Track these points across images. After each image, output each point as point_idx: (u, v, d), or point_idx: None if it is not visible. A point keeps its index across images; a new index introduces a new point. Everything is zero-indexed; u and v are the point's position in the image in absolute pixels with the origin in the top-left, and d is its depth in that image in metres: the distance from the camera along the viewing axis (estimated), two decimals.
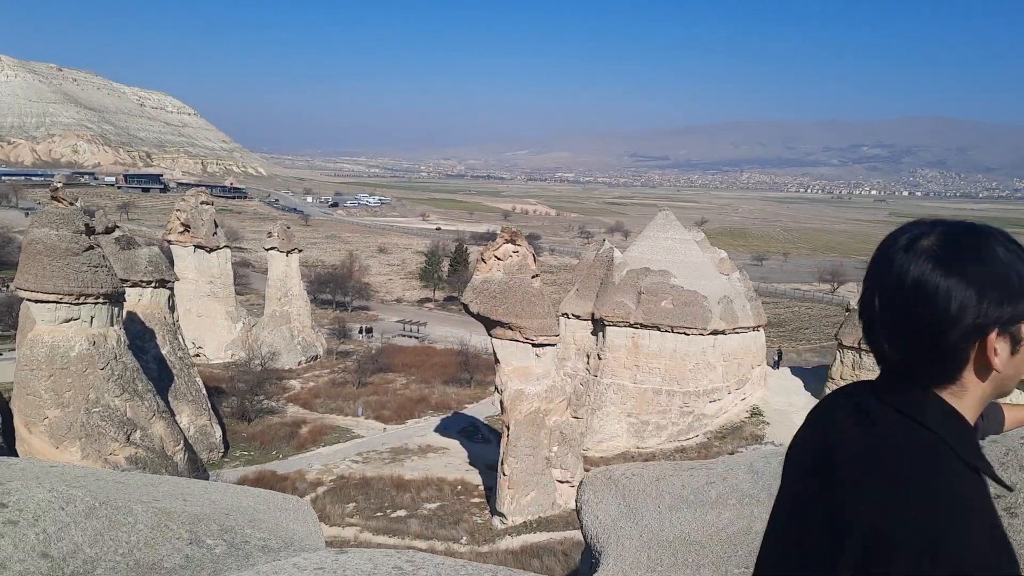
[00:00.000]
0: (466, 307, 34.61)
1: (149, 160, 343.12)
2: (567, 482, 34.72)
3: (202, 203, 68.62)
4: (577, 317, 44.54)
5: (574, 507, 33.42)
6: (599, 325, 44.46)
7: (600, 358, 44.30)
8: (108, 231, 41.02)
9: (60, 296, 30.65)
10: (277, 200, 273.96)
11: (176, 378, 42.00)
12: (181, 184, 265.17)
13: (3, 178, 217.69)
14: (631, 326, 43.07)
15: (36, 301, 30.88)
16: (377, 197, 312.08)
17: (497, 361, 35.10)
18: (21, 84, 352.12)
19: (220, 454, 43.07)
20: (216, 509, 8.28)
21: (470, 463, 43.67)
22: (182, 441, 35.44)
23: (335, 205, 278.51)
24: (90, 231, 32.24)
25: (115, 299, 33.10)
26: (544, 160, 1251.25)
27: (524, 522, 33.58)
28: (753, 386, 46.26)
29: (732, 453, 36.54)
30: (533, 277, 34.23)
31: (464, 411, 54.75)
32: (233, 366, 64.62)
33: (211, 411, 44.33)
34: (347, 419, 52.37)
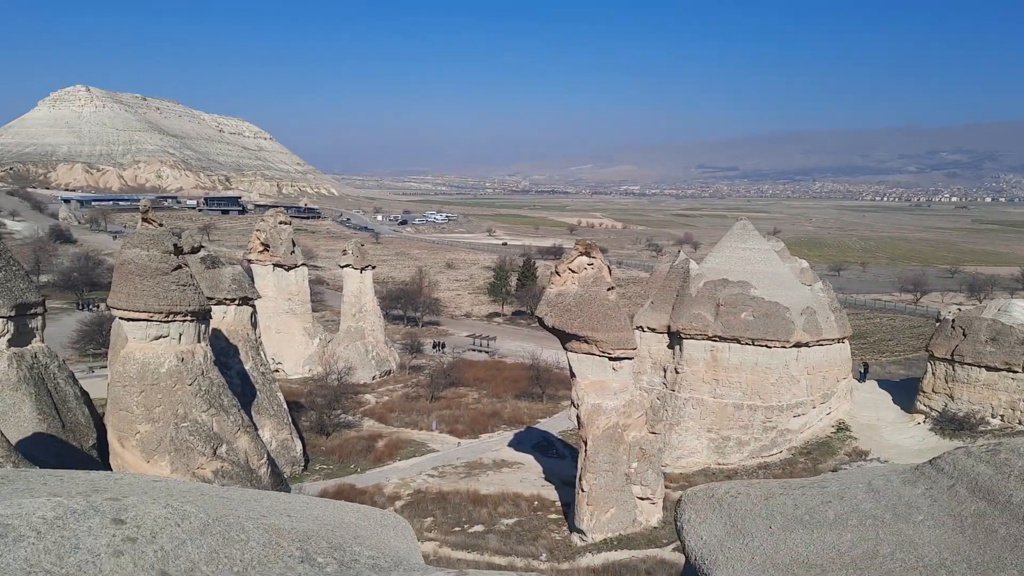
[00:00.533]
0: (541, 321, 34.34)
1: (228, 183, 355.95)
2: (648, 499, 33.98)
3: (280, 223, 70.48)
4: (652, 330, 43.77)
5: (655, 524, 32.47)
6: (676, 338, 43.59)
7: (678, 372, 43.39)
8: (194, 251, 42.40)
9: (150, 314, 31.66)
10: (348, 219, 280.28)
11: (259, 393, 42.97)
12: (258, 206, 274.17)
13: (93, 204, 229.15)
14: (710, 339, 42.07)
15: (128, 319, 31.97)
16: (444, 214, 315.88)
17: (573, 375, 34.70)
18: (109, 114, 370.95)
19: (301, 468, 43.79)
20: (321, 525, 8.20)
21: (545, 478, 43.29)
22: (266, 455, 36.12)
23: (404, 223, 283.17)
24: (178, 251, 33.30)
25: (202, 316, 34.05)
26: (608, 174, 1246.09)
27: (604, 539, 32.96)
28: (839, 400, 44.55)
29: (835, 470, 35.15)
30: (609, 289, 33.78)
31: (537, 425, 54.43)
32: (311, 381, 65.98)
33: (292, 425, 45.16)
34: (422, 433, 52.68)
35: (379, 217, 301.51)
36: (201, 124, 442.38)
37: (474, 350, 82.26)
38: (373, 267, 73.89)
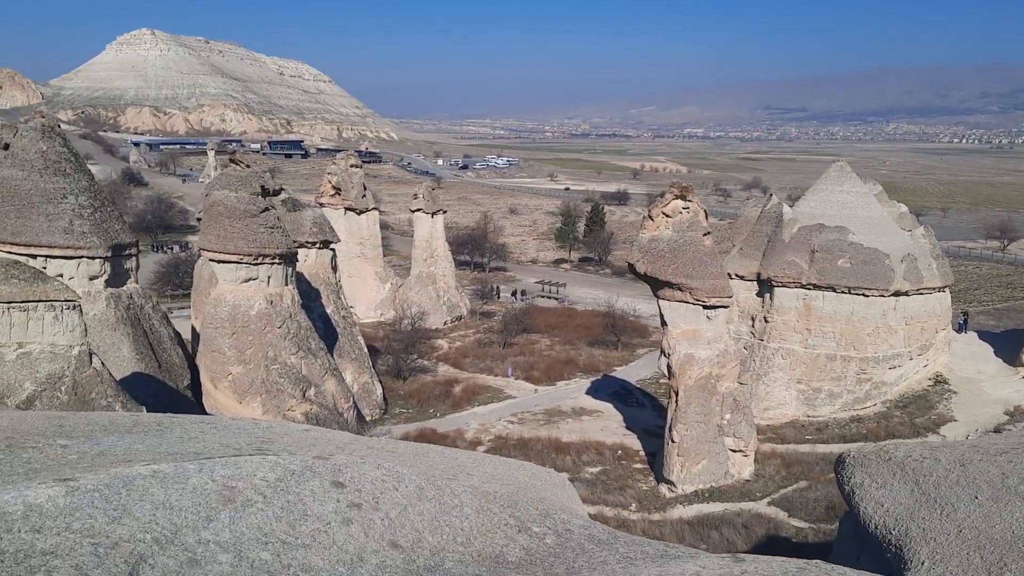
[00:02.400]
0: (632, 267, 33.15)
1: (289, 127, 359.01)
2: (740, 451, 33.01)
3: (352, 167, 70.14)
4: (741, 277, 42.13)
5: (747, 477, 31.20)
6: (766, 286, 41.91)
7: (767, 321, 41.84)
8: (275, 193, 42.21)
9: (240, 256, 31.61)
10: (410, 163, 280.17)
11: (340, 336, 43.08)
12: (320, 150, 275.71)
13: (161, 147, 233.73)
14: (803, 287, 40.28)
15: (219, 261, 31.99)
16: (505, 158, 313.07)
17: (664, 324, 33.57)
18: (173, 57, 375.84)
19: (381, 411, 44.02)
20: (509, 487, 7.49)
21: (627, 427, 42.64)
22: (351, 398, 36.25)
23: (465, 167, 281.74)
24: (266, 193, 33.01)
25: (289, 259, 33.92)
26: (671, 116, 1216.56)
27: (695, 491, 32.23)
28: (937, 352, 42.46)
29: (997, 430, 33.33)
30: (705, 235, 32.33)
31: (613, 374, 53.64)
32: (383, 325, 66.31)
33: (372, 369, 45.31)
34: (497, 379, 52.46)
35: (440, 161, 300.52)
36: (262, 67, 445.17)
37: (543, 296, 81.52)
38: (444, 211, 73.26)
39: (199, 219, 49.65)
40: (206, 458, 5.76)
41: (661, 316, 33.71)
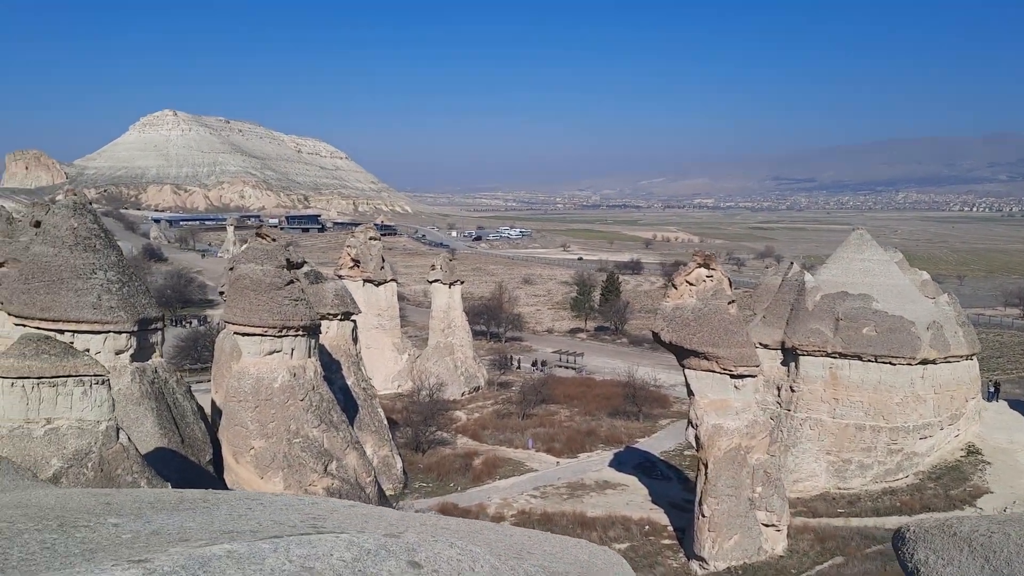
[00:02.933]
0: (656, 336, 32.91)
1: (307, 202, 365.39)
2: (773, 526, 32.03)
3: (370, 239, 70.96)
4: (765, 346, 41.70)
5: (780, 553, 30.08)
6: (791, 355, 41.44)
7: (793, 390, 41.21)
8: (299, 266, 42.54)
9: (265, 329, 31.63)
10: (424, 235, 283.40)
11: (360, 409, 42.73)
12: (336, 224, 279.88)
13: (181, 223, 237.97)
14: (829, 355, 39.81)
15: (243, 334, 32.01)
16: (518, 229, 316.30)
17: (691, 394, 33.10)
18: (195, 137, 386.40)
19: (402, 485, 43.27)
20: (574, 566, 7.20)
21: (653, 501, 41.63)
22: (373, 472, 35.67)
23: (478, 238, 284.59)
24: (291, 266, 33.28)
25: (313, 331, 33.91)
26: (681, 187, 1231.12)
27: (728, 568, 31.16)
28: (967, 421, 41.56)
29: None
30: (729, 303, 32.16)
31: (636, 445, 52.72)
32: (400, 397, 65.87)
33: (392, 442, 44.76)
34: (518, 451, 51.65)
35: (453, 233, 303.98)
36: (280, 145, 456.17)
37: (561, 366, 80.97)
38: (461, 282, 73.60)
39: (222, 292, 50.06)
40: (273, 537, 5.55)
41: (687, 386, 33.28)
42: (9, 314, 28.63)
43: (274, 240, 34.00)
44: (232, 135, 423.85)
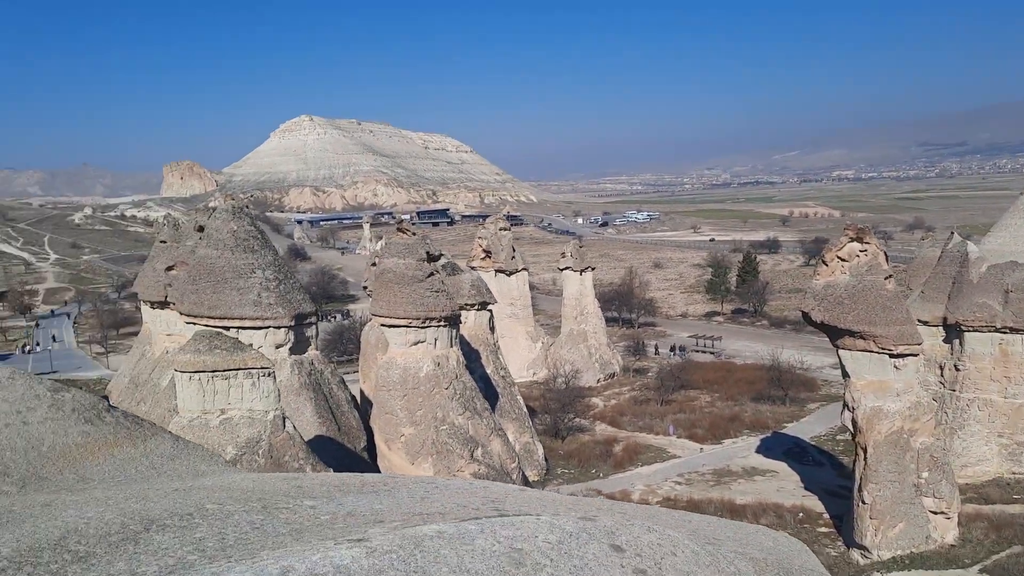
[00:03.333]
0: (806, 316, 31.44)
1: (435, 197, 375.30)
2: (942, 513, 29.96)
3: (501, 230, 71.83)
4: (924, 323, 38.92)
5: (951, 542, 28.14)
6: (954, 331, 38.52)
7: (958, 369, 38.31)
8: (436, 258, 43.68)
9: (409, 320, 32.68)
10: (550, 224, 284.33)
11: (500, 396, 43.40)
12: (464, 216, 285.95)
13: (321, 223, 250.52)
14: (998, 331, 36.70)
15: (389, 326, 33.21)
16: (645, 213, 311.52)
17: (846, 375, 31.43)
18: (329, 140, 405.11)
19: (544, 472, 43.64)
20: (768, 553, 6.94)
21: (805, 488, 39.95)
22: (516, 459, 36.17)
23: (605, 224, 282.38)
24: (431, 258, 34.19)
25: (453, 321, 34.72)
26: (817, 159, 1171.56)
27: (893, 558, 29.43)
28: None
29: None
30: (886, 278, 30.23)
31: (784, 431, 50.74)
32: (535, 384, 66.44)
33: (532, 429, 45.21)
34: (658, 438, 50.92)
35: (579, 220, 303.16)
36: (409, 143, 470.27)
37: (698, 351, 79.09)
38: (592, 268, 73.25)
39: (366, 287, 52.18)
40: (473, 519, 5.61)
41: (842, 367, 31.62)
42: (180, 312, 30.96)
43: (414, 235, 35.00)
44: (364, 136, 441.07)
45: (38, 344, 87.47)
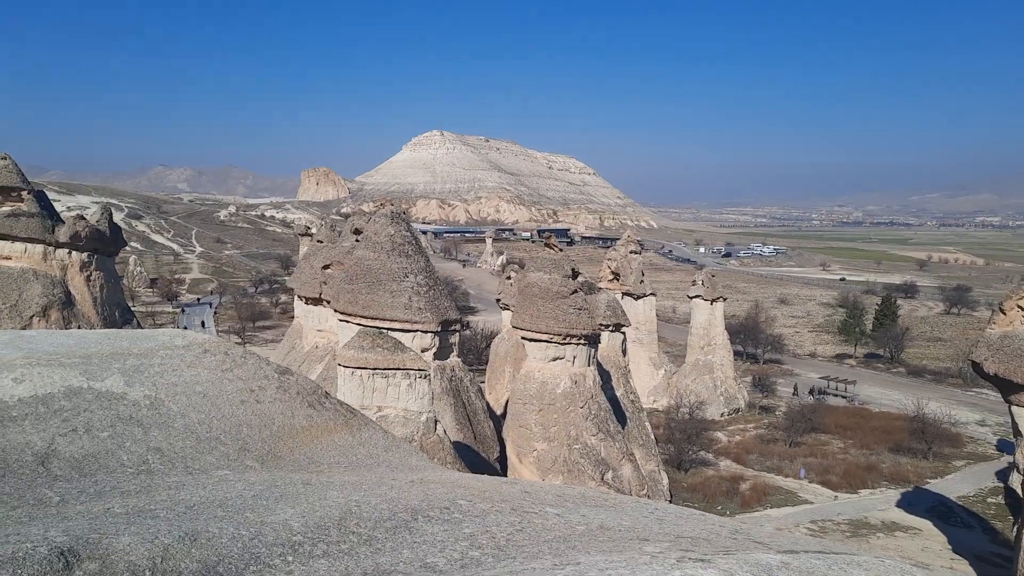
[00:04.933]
0: (977, 367, 29.25)
1: (556, 216, 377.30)
2: None
3: (631, 252, 71.19)
4: None
5: None
6: None
7: None
8: (574, 276, 43.62)
9: (551, 335, 32.67)
10: (671, 251, 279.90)
11: (629, 421, 42.69)
12: (584, 237, 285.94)
13: (445, 235, 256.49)
14: None
15: (530, 339, 33.31)
16: (771, 247, 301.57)
17: (1018, 435, 28.99)
18: (458, 155, 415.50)
19: (668, 501, 42.53)
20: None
21: (953, 550, 37.14)
22: (646, 486, 35.41)
23: (728, 255, 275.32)
24: (575, 276, 34.12)
25: (593, 341, 34.47)
26: (960, 204, 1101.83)
27: None
28: None
29: None
30: None
31: (927, 487, 47.47)
32: (655, 412, 65.10)
33: (658, 457, 44.25)
34: (788, 480, 48.76)
35: (701, 249, 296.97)
36: (533, 162, 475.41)
37: (828, 393, 75.38)
38: (724, 299, 71.36)
39: (498, 300, 52.80)
40: (787, 551, 5.36)
41: (1014, 425, 29.20)
42: (335, 310, 32.17)
43: (560, 250, 35.06)
44: (490, 153, 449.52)
45: (188, 328, 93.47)
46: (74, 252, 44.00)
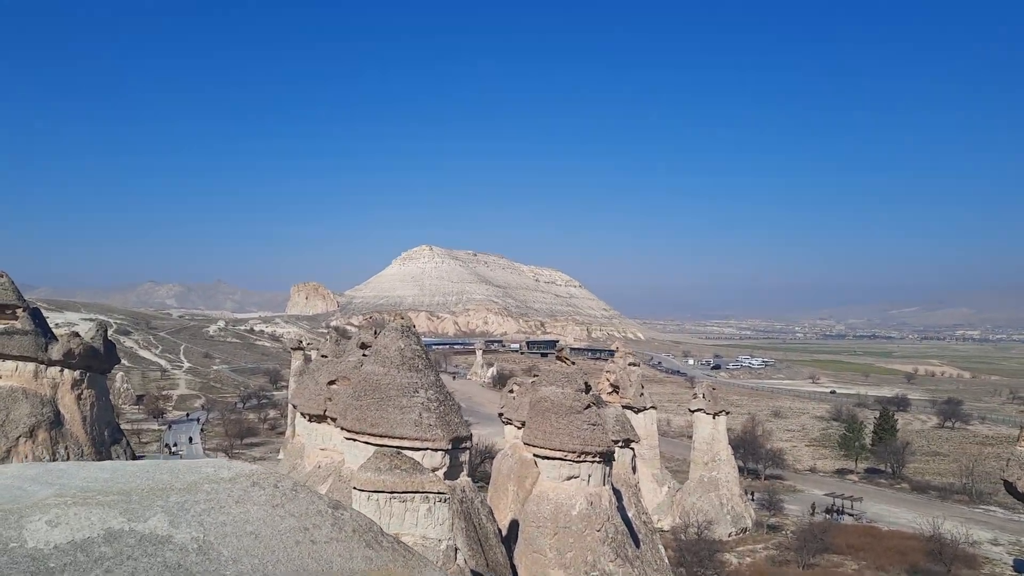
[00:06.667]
0: (1010, 486, 28.20)
1: (543, 328, 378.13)
2: None
3: (630, 365, 70.39)
4: None
5: None
6: None
7: None
8: (587, 390, 42.59)
9: (565, 453, 31.41)
10: (660, 363, 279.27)
11: (641, 543, 40.66)
12: (573, 349, 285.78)
13: (434, 347, 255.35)
14: None
15: (543, 457, 31.99)
16: (760, 358, 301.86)
17: None
18: (446, 269, 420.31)
19: None
20: None
21: None
22: None
23: (717, 367, 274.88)
24: (587, 389, 33.20)
25: (608, 458, 33.19)
26: (938, 317, 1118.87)
27: None
28: None
29: None
30: None
31: None
32: (660, 532, 62.47)
33: None
34: None
35: (690, 361, 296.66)
36: (520, 275, 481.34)
37: (844, 513, 73.00)
38: (727, 412, 70.17)
39: (501, 414, 51.36)
40: None
41: None
42: (341, 428, 30.87)
43: (573, 363, 34.28)
44: (478, 267, 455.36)
45: (175, 445, 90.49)
46: (66, 370, 42.67)
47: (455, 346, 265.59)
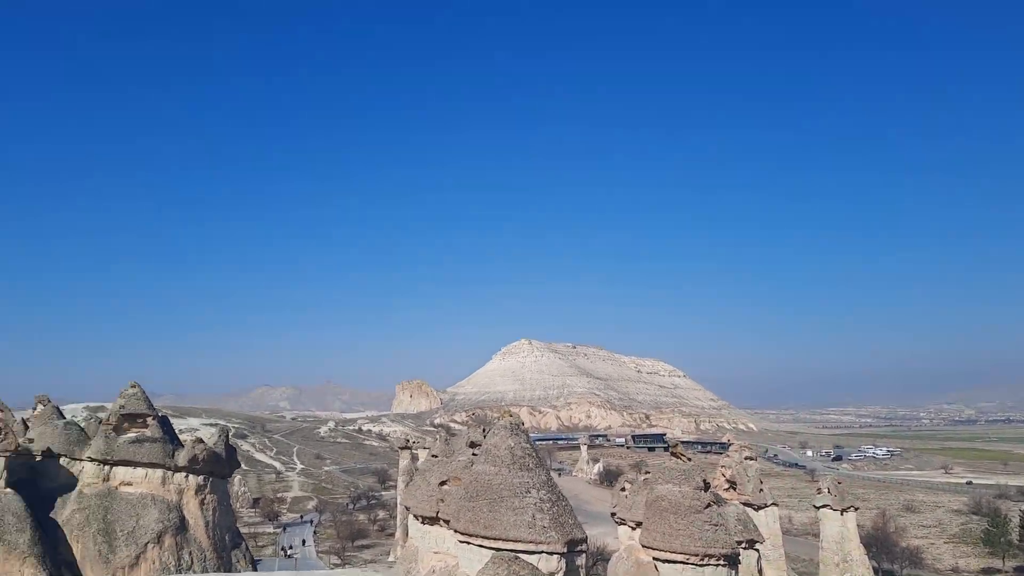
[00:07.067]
0: None
1: (648, 420, 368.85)
2: None
3: (746, 458, 67.18)
4: None
5: None
6: None
7: None
8: (706, 487, 40.85)
9: (687, 556, 29.87)
10: (776, 455, 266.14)
11: None
12: (682, 442, 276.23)
13: (537, 443, 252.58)
14: None
15: (664, 561, 30.53)
16: (884, 448, 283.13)
17: None
18: (546, 362, 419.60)
19: None
20: None
21: None
22: None
23: (839, 458, 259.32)
24: (707, 487, 31.79)
25: (733, 561, 31.30)
26: None
27: None
28: None
29: None
30: None
31: None
32: None
33: None
34: None
35: (808, 453, 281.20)
36: (621, 367, 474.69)
37: None
38: (856, 508, 65.57)
39: (613, 514, 49.73)
40: None
41: None
42: (455, 530, 30.54)
43: (689, 459, 33.06)
44: (578, 359, 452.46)
45: (291, 548, 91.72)
46: (191, 476, 44.42)
47: (559, 441, 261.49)
